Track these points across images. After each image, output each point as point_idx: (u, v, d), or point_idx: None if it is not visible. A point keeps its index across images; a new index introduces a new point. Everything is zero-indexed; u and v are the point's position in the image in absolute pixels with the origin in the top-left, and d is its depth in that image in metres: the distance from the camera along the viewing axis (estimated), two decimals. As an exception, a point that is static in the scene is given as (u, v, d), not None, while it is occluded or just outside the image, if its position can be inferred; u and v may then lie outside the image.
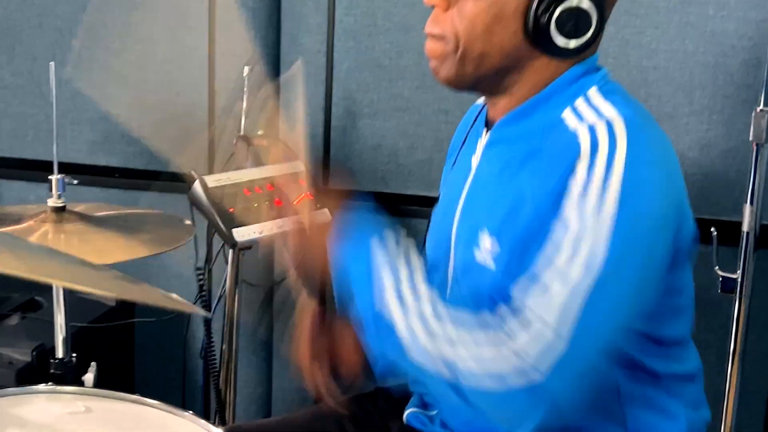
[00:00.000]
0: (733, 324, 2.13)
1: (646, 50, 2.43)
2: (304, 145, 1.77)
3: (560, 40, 1.47)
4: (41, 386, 1.78)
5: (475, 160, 1.62)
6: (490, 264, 1.49)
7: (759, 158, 2.06)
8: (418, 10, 2.19)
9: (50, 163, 2.09)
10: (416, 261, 1.47)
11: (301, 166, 2.38)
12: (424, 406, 1.70)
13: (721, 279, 2.13)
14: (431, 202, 2.67)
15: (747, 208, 2.07)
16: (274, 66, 2.70)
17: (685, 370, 1.62)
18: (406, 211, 2.62)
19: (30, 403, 1.72)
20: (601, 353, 1.39)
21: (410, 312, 1.42)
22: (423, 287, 1.44)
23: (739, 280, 2.10)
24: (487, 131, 1.60)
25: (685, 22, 2.40)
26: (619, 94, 1.51)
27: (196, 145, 2.74)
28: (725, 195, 2.45)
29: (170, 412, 1.72)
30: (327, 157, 2.69)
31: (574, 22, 1.46)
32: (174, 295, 1.05)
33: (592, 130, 1.43)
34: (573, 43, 1.47)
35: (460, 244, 1.59)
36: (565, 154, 1.42)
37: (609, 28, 2.38)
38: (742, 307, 2.11)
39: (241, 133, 2.39)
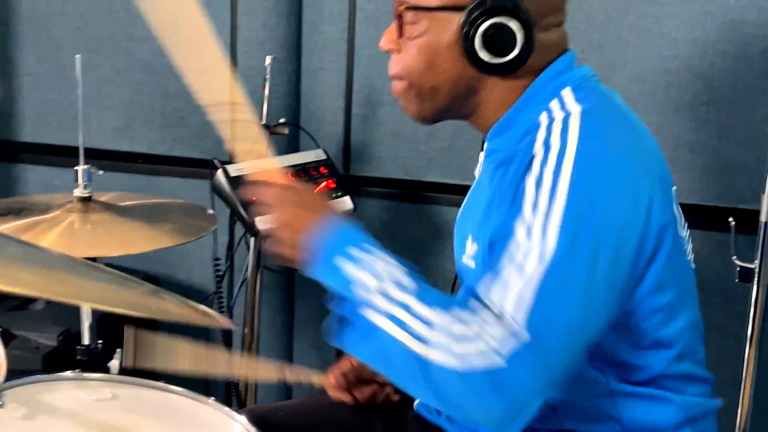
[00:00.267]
0: (751, 313, 2.12)
1: (667, 39, 2.43)
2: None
3: (491, 58, 1.49)
4: (68, 373, 1.80)
5: (477, 171, 1.71)
6: (472, 264, 1.55)
7: (777, 148, 2.05)
8: None
9: (75, 149, 2.11)
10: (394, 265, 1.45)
11: (322, 154, 2.41)
12: None
13: (738, 269, 2.12)
14: (450, 188, 2.70)
15: (765, 198, 2.05)
16: (296, 54, 2.71)
17: (677, 363, 1.59)
18: (426, 197, 2.66)
19: (58, 390, 1.75)
20: (563, 343, 1.38)
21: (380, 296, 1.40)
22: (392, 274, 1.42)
23: (757, 270, 2.09)
24: (484, 144, 1.65)
25: (705, 12, 2.39)
26: (589, 91, 1.54)
27: (217, 133, 2.76)
28: (744, 183, 2.45)
29: (195, 399, 1.76)
30: (348, 144, 2.70)
31: (498, 40, 1.49)
32: (202, 307, 1.04)
33: (548, 127, 1.47)
34: (504, 59, 1.50)
35: (456, 250, 1.67)
36: (526, 152, 1.46)
37: (629, 17, 2.42)
38: (760, 297, 2.10)
39: (263, 121, 2.40)
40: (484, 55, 1.49)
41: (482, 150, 1.69)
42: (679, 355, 1.59)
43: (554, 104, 1.52)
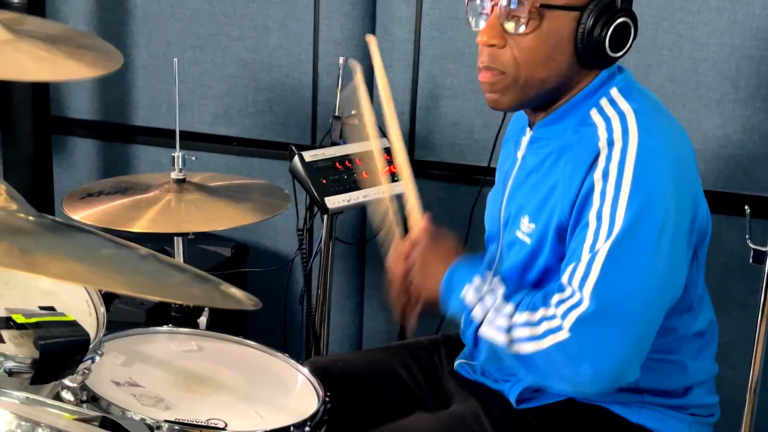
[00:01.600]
0: (762, 291, 2.15)
1: (698, 44, 2.44)
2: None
3: (612, 54, 1.53)
4: (163, 327, 1.90)
5: (520, 154, 1.69)
6: (527, 240, 1.59)
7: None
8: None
9: (182, 133, 2.19)
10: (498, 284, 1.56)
11: (387, 142, 2.47)
12: (470, 357, 1.79)
13: (753, 251, 2.15)
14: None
15: (777, 190, 2.09)
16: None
17: (697, 329, 1.66)
18: (481, 180, 2.67)
19: (153, 342, 1.84)
20: (629, 312, 1.42)
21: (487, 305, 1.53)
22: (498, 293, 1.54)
23: (769, 252, 2.12)
24: (529, 130, 1.67)
25: (733, 20, 2.40)
26: (636, 92, 1.57)
27: (301, 121, 2.87)
28: (766, 174, 2.46)
29: (266, 352, 1.85)
30: (413, 132, 2.74)
31: (622, 37, 1.53)
32: (233, 290, 1.13)
33: (608, 125, 1.51)
34: (619, 54, 1.55)
35: (507, 224, 1.68)
36: (589, 147, 1.50)
37: (664, 24, 2.45)
38: (771, 276, 2.14)
39: (336, 113, 2.48)
40: (610, 51, 1.51)
41: (525, 135, 1.68)
42: (696, 317, 1.64)
43: (604, 102, 1.55)
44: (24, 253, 0.95)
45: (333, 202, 2.27)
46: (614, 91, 1.56)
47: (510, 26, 1.52)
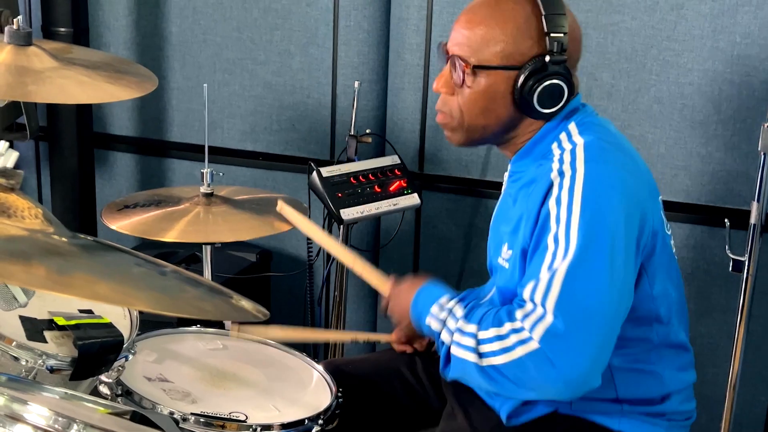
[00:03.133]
0: (740, 297, 2.15)
1: (683, 69, 2.45)
2: None
3: (542, 109, 1.56)
4: (191, 328, 1.91)
5: (503, 187, 1.75)
6: (506, 265, 1.61)
7: (766, 164, 2.07)
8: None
9: (210, 148, 2.22)
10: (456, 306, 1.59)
11: (397, 159, 2.49)
12: None
13: (732, 261, 2.15)
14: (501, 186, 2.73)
15: (754, 205, 2.08)
16: (383, 77, 2.77)
17: (673, 341, 1.65)
18: (483, 192, 2.70)
19: (181, 341, 1.86)
20: (592, 325, 1.42)
21: (451, 328, 1.55)
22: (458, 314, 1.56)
23: (747, 262, 2.12)
24: (509, 166, 1.70)
25: (715, 47, 2.40)
26: (591, 125, 1.59)
27: (321, 138, 2.88)
28: (745, 188, 2.45)
29: (285, 351, 1.87)
30: (422, 149, 2.75)
31: (551, 95, 1.55)
32: (244, 302, 1.14)
33: (561, 156, 1.53)
34: (553, 109, 1.57)
35: (491, 252, 1.72)
36: (544, 178, 1.52)
37: (652, 51, 2.46)
38: (748, 284, 2.13)
39: (351, 132, 2.49)
40: (538, 107, 1.54)
41: (506, 171, 1.73)
42: (671, 330, 1.63)
43: (563, 136, 1.57)
44: (61, 274, 0.97)
45: (348, 213, 2.28)
46: (572, 126, 1.58)
47: (455, 79, 1.58)
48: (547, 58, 1.53)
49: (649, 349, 1.61)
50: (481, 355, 1.47)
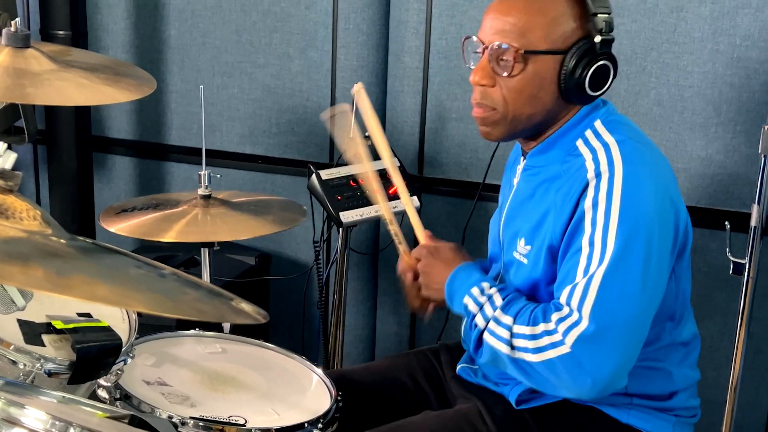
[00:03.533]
0: (741, 299, 2.15)
1: (684, 72, 2.44)
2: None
3: (592, 93, 1.54)
4: (190, 331, 1.90)
5: (515, 181, 1.70)
6: (523, 260, 1.60)
7: (766, 167, 2.07)
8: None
9: (209, 151, 2.21)
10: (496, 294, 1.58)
11: (397, 162, 2.47)
12: (471, 361, 1.79)
13: (732, 263, 2.14)
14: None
15: (755, 208, 2.07)
16: (383, 80, 2.76)
17: (681, 339, 1.66)
18: (482, 195, 2.66)
19: (181, 344, 1.85)
20: (626, 330, 1.43)
21: (488, 314, 1.55)
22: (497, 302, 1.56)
23: (747, 265, 2.12)
24: (523, 159, 1.68)
25: (715, 50, 2.39)
26: (618, 124, 1.58)
27: (320, 141, 2.87)
28: (746, 191, 2.45)
29: (285, 354, 1.86)
30: (422, 152, 2.74)
31: (601, 78, 1.54)
32: (243, 304, 1.13)
33: (594, 156, 1.51)
34: (599, 92, 1.55)
35: (505, 246, 1.69)
36: (578, 177, 1.51)
37: (652, 53, 2.45)
38: (749, 287, 2.13)
39: (350, 135, 2.48)
40: (589, 90, 1.52)
41: (519, 163, 1.69)
42: (680, 328, 1.64)
43: (589, 134, 1.55)
44: (60, 276, 0.96)
45: (347, 216, 2.28)
46: (598, 124, 1.57)
47: (498, 69, 1.54)
48: (598, 38, 1.51)
49: (660, 346, 1.62)
50: (513, 348, 1.49)
